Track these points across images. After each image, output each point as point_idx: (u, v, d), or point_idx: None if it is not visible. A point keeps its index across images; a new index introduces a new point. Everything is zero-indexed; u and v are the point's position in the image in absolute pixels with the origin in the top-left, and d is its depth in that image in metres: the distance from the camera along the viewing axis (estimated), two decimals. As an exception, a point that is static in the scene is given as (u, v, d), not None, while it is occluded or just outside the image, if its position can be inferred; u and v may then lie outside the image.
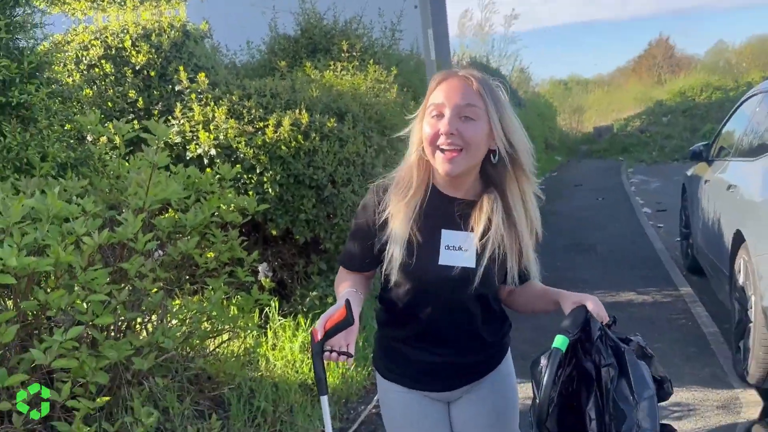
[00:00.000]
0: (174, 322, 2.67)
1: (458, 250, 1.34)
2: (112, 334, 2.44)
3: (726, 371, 3.26)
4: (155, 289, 2.43)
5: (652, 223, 7.09)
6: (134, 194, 2.36)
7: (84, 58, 3.69)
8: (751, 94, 4.23)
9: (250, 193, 3.21)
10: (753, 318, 2.94)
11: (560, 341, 1.25)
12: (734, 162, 3.87)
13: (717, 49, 24.42)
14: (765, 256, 2.83)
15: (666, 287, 4.65)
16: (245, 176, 3.30)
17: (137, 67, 3.64)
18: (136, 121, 3.25)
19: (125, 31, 3.72)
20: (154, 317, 2.69)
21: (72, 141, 2.63)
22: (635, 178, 11.05)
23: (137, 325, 2.64)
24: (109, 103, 3.58)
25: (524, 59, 24.67)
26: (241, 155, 3.29)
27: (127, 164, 2.66)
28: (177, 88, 3.57)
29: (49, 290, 2.04)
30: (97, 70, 3.65)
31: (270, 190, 3.29)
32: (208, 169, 2.98)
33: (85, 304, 2.01)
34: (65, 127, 2.62)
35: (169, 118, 3.48)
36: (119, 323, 2.46)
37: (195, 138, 3.37)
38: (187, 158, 3.34)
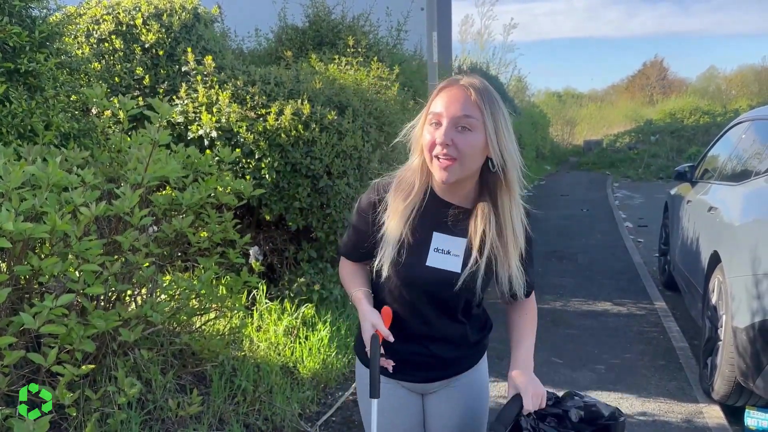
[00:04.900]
0: (163, 297, 2.69)
1: (447, 254, 1.39)
2: (102, 304, 2.47)
3: (692, 385, 3.35)
4: (147, 264, 2.44)
5: (632, 237, 7.21)
6: (133, 169, 2.37)
7: (95, 32, 3.68)
8: (738, 121, 4.31)
9: (248, 177, 3.24)
10: (722, 336, 3.02)
11: None
12: (717, 185, 3.94)
13: (708, 75, 24.91)
14: (739, 277, 2.89)
15: (641, 300, 4.76)
16: (244, 160, 3.33)
17: (146, 45, 3.65)
18: (141, 98, 3.27)
19: (137, 8, 3.72)
20: (143, 291, 2.72)
21: (77, 112, 2.63)
22: (620, 193, 11.22)
23: (127, 297, 2.66)
24: (116, 78, 3.58)
25: (522, 69, 24.96)
26: (242, 140, 3.32)
27: (128, 139, 2.67)
28: (183, 68, 3.59)
29: (43, 256, 2.05)
30: (106, 44, 3.66)
31: (267, 176, 3.32)
32: (207, 151, 3.01)
33: (77, 273, 2.03)
34: (71, 98, 2.62)
35: (174, 97, 3.51)
36: (109, 294, 2.49)
37: (197, 119, 3.39)
38: (188, 138, 3.36)
